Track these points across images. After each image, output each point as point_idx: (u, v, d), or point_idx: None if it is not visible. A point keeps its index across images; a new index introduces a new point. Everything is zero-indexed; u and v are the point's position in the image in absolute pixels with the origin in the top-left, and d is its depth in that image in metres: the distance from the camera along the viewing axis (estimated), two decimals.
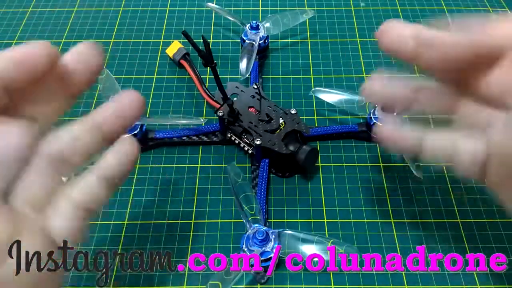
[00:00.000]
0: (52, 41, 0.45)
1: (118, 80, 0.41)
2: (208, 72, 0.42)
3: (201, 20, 0.48)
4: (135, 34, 0.46)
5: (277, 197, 0.34)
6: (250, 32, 0.41)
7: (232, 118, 0.34)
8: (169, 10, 0.49)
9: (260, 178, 0.34)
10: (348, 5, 0.49)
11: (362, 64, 0.43)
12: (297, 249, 0.29)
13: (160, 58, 0.44)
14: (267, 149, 0.33)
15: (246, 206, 0.30)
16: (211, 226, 0.33)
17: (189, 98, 0.41)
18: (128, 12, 0.48)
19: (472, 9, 0.49)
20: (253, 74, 0.40)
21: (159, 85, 0.41)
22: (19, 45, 0.19)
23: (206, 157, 0.37)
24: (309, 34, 0.46)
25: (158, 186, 0.35)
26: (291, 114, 0.34)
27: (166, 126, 0.38)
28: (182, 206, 0.34)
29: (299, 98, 0.41)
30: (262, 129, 0.34)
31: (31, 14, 0.48)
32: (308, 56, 0.44)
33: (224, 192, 0.34)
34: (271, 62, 0.44)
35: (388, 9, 0.49)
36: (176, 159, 0.36)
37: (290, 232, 0.29)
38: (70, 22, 0.47)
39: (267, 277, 0.30)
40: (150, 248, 0.31)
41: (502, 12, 0.49)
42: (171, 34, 0.46)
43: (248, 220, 0.30)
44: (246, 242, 0.29)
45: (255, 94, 0.36)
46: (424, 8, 0.49)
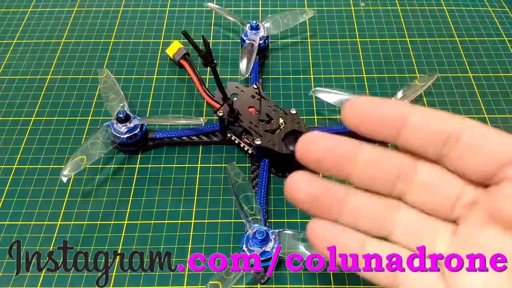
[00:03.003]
0: (52, 41, 0.45)
1: (118, 80, 0.41)
2: (208, 72, 0.42)
3: (201, 20, 0.48)
4: (135, 34, 0.46)
5: (277, 197, 0.34)
6: (250, 32, 0.41)
7: (232, 118, 0.34)
8: (169, 10, 0.49)
9: (260, 178, 0.34)
10: (348, 5, 0.49)
11: (362, 64, 0.43)
12: (297, 249, 0.29)
13: (160, 58, 0.44)
14: (267, 149, 0.33)
15: (246, 206, 0.30)
16: (211, 226, 0.33)
17: (189, 98, 0.41)
18: (128, 12, 0.48)
19: (472, 9, 0.49)
20: (253, 74, 0.40)
21: (159, 85, 0.41)
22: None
23: (206, 157, 0.37)
24: (309, 34, 0.46)
25: (158, 186, 0.35)
26: (291, 114, 0.34)
27: (166, 126, 0.38)
28: (182, 206, 0.34)
29: (299, 98, 0.41)
30: (262, 129, 0.34)
31: (31, 14, 0.48)
32: (308, 56, 0.44)
33: (224, 192, 0.34)
34: (271, 62, 0.44)
35: (388, 9, 0.49)
36: (176, 159, 0.36)
37: (290, 232, 0.29)
38: (70, 22, 0.47)
39: (267, 277, 0.30)
40: (150, 248, 0.31)
41: (502, 11, 0.49)
42: (171, 34, 0.46)
43: (248, 220, 0.30)
44: (246, 242, 0.29)
45: (255, 94, 0.36)
46: (424, 8, 0.49)
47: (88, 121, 0.39)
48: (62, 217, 0.33)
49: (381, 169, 0.19)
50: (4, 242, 0.32)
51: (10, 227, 0.32)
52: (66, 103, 0.40)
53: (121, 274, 0.30)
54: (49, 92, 0.41)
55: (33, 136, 0.38)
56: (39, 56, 0.44)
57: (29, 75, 0.42)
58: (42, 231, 0.32)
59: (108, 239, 0.32)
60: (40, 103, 0.40)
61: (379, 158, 0.19)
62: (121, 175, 0.35)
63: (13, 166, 0.36)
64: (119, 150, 0.36)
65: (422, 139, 0.17)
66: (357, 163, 0.18)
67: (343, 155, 0.18)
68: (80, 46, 0.45)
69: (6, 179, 0.35)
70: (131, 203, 0.34)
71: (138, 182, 0.35)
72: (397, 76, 0.42)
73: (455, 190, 0.18)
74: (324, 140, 0.19)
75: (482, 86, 0.42)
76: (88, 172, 0.35)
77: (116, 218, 0.33)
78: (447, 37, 0.46)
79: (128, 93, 0.41)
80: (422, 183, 0.19)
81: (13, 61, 0.43)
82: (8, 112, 0.39)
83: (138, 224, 0.33)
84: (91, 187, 0.35)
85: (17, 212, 0.33)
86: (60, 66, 0.43)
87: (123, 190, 0.34)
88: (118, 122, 0.35)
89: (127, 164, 0.36)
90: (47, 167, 0.36)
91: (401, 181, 0.19)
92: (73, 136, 0.38)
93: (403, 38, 0.46)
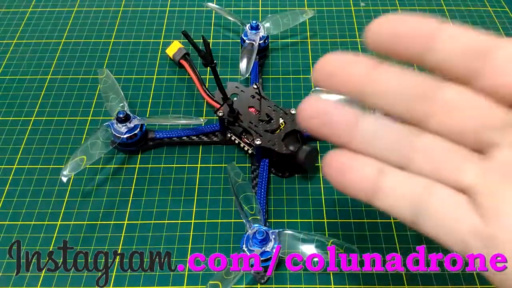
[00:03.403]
0: (52, 41, 0.45)
1: (118, 80, 0.41)
2: (208, 72, 0.42)
3: (201, 20, 0.48)
4: (135, 34, 0.46)
5: (277, 197, 0.34)
6: (250, 32, 0.41)
7: (232, 118, 0.34)
8: (169, 10, 0.49)
9: (260, 178, 0.34)
10: (348, 5, 0.49)
11: None
12: (297, 249, 0.29)
13: (160, 58, 0.44)
14: (267, 149, 0.33)
15: (246, 206, 0.30)
16: (211, 226, 0.33)
17: (189, 98, 0.41)
18: (128, 12, 0.48)
19: (472, 9, 0.49)
20: (253, 74, 0.40)
21: (159, 85, 0.41)
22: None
23: (206, 157, 0.37)
24: (309, 34, 0.46)
25: (158, 186, 0.35)
26: (291, 114, 0.34)
27: (166, 126, 0.38)
28: (182, 206, 0.34)
29: (299, 98, 0.41)
30: (262, 129, 0.34)
31: (31, 14, 0.48)
32: (308, 56, 0.44)
33: (224, 192, 0.34)
34: (271, 62, 0.44)
35: (388, 9, 0.49)
36: (176, 159, 0.36)
37: (290, 232, 0.29)
38: (70, 22, 0.47)
39: (267, 277, 0.30)
40: (150, 248, 0.31)
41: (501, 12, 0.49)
42: (171, 34, 0.46)
43: (248, 220, 0.30)
44: (246, 242, 0.29)
45: (255, 94, 0.36)
46: (424, 8, 0.49)
47: (88, 121, 0.39)
48: (62, 217, 0.33)
49: (401, 85, 0.17)
50: (4, 242, 0.32)
51: (10, 227, 0.32)
52: (66, 103, 0.40)
53: (121, 274, 0.30)
54: (49, 92, 0.41)
55: (33, 136, 0.38)
56: (39, 56, 0.44)
57: (29, 75, 0.42)
58: (42, 231, 0.32)
59: (108, 239, 0.32)
60: (40, 103, 0.40)
61: (400, 73, 0.17)
62: (121, 175, 0.35)
63: (13, 166, 0.36)
64: (119, 150, 0.36)
65: (453, 53, 0.16)
66: (373, 80, 0.17)
67: (358, 72, 0.18)
68: (80, 46, 0.45)
69: (6, 179, 0.35)
70: (131, 203, 0.34)
71: (138, 182, 0.35)
72: None
73: (485, 110, 0.16)
74: (339, 58, 0.18)
75: None
76: (88, 172, 0.35)
77: (116, 218, 0.33)
78: None
79: (128, 93, 0.41)
80: (448, 103, 0.17)
81: (13, 61, 0.43)
82: (8, 112, 0.39)
83: (138, 224, 0.33)
84: (91, 187, 0.35)
85: (17, 212, 0.33)
86: (60, 66, 0.43)
87: (123, 190, 0.34)
88: (118, 122, 0.35)
89: (127, 164, 0.36)
90: (47, 167, 0.36)
91: (424, 102, 0.17)
92: (73, 136, 0.38)
93: None
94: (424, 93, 0.17)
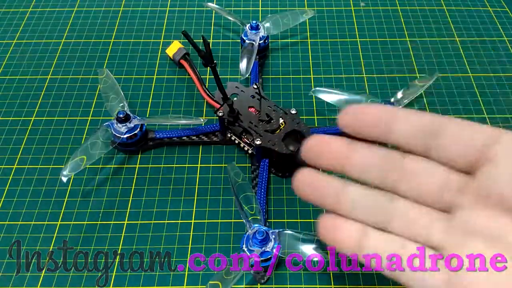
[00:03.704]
0: (52, 41, 0.45)
1: (118, 80, 0.41)
2: (208, 72, 0.42)
3: (201, 20, 0.48)
4: (135, 34, 0.46)
5: (277, 197, 0.34)
6: (250, 32, 0.41)
7: (232, 118, 0.34)
8: (169, 10, 0.49)
9: (260, 178, 0.34)
10: (348, 5, 0.49)
11: (362, 64, 0.43)
12: (297, 249, 0.29)
13: (160, 58, 0.44)
14: (267, 149, 0.33)
15: (246, 206, 0.30)
16: (211, 226, 0.33)
17: (189, 98, 0.41)
18: (128, 12, 0.48)
19: (472, 9, 0.49)
20: (253, 74, 0.40)
21: (159, 85, 0.41)
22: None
23: (206, 157, 0.37)
24: (309, 34, 0.46)
25: (158, 186, 0.35)
26: (291, 114, 0.34)
27: (166, 126, 0.38)
28: (182, 206, 0.34)
29: (299, 98, 0.41)
30: (262, 129, 0.34)
31: (31, 14, 0.48)
32: (308, 56, 0.44)
33: (224, 192, 0.34)
34: (271, 62, 0.44)
35: (388, 9, 0.49)
36: (176, 159, 0.36)
37: (290, 232, 0.29)
38: (70, 22, 0.47)
39: (267, 277, 0.30)
40: (150, 248, 0.31)
41: (501, 12, 0.49)
42: (171, 34, 0.46)
43: (248, 220, 0.30)
44: (246, 242, 0.29)
45: (255, 94, 0.36)
46: (424, 8, 0.49)
47: (88, 121, 0.39)
48: (62, 217, 0.33)
49: (372, 159, 0.21)
50: (4, 242, 0.32)
51: (10, 227, 0.32)
52: (66, 103, 0.40)
53: (121, 274, 0.30)
54: (49, 92, 0.41)
55: (33, 136, 0.38)
56: (39, 56, 0.44)
57: (29, 75, 0.42)
58: (42, 231, 0.32)
59: (108, 239, 0.32)
60: (40, 103, 0.40)
61: (372, 150, 0.21)
62: (121, 175, 0.35)
63: (13, 166, 0.36)
64: (119, 150, 0.36)
65: (409, 134, 0.20)
66: (350, 156, 0.21)
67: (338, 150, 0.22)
68: (80, 46, 0.45)
69: (6, 179, 0.35)
70: (131, 203, 0.34)
71: (138, 182, 0.35)
72: (397, 76, 0.42)
73: (442, 176, 0.20)
74: (321, 139, 0.22)
75: (482, 86, 0.42)
76: (88, 172, 0.35)
77: (116, 218, 0.33)
78: (447, 37, 0.46)
79: (128, 93, 0.41)
80: (412, 171, 0.20)
81: (13, 61, 0.43)
82: (8, 112, 0.39)
83: (138, 224, 0.33)
84: (91, 187, 0.35)
85: (17, 212, 0.33)
86: (60, 66, 0.43)
87: (123, 190, 0.34)
88: (118, 122, 0.35)
89: (127, 164, 0.36)
90: (47, 167, 0.36)
91: (392, 171, 0.21)
92: (73, 136, 0.38)
93: (403, 38, 0.46)
94: (391, 164, 0.21)
